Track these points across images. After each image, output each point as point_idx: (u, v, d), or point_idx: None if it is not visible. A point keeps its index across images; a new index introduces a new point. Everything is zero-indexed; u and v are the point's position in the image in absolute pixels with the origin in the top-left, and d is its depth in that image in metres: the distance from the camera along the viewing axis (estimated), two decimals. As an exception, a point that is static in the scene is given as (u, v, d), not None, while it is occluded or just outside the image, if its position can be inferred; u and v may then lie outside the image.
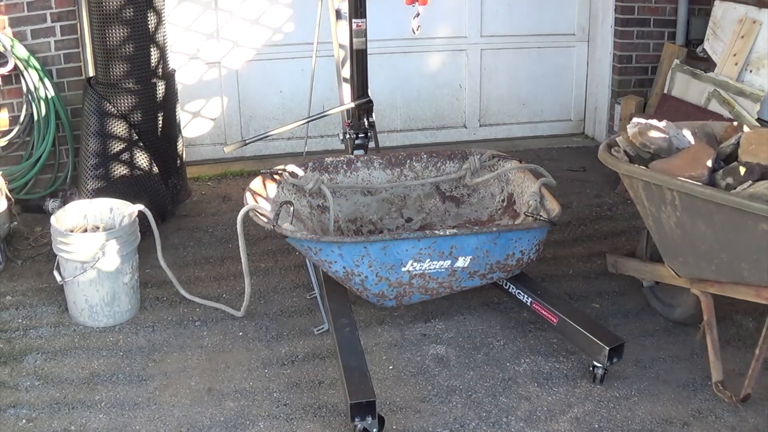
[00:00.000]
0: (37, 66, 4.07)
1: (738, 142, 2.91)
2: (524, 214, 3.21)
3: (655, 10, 4.97)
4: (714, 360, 2.92)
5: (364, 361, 2.78)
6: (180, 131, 4.28)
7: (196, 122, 4.91)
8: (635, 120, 3.09)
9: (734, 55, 4.19)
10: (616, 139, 3.11)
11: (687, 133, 3.07)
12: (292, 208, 3.15)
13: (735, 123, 3.19)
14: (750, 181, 2.68)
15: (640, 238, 3.42)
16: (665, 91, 4.68)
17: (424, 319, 3.37)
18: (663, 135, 3.00)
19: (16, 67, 4.02)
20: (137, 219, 3.38)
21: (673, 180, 2.72)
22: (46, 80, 4.10)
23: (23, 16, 4.07)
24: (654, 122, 3.06)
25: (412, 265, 3.01)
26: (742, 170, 2.73)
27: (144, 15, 3.78)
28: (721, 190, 2.65)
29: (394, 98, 5.12)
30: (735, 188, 2.68)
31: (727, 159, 2.95)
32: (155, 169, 3.97)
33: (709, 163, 2.74)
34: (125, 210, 3.40)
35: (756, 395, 2.90)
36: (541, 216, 3.13)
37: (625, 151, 3.05)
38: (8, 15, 4.03)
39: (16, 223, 3.99)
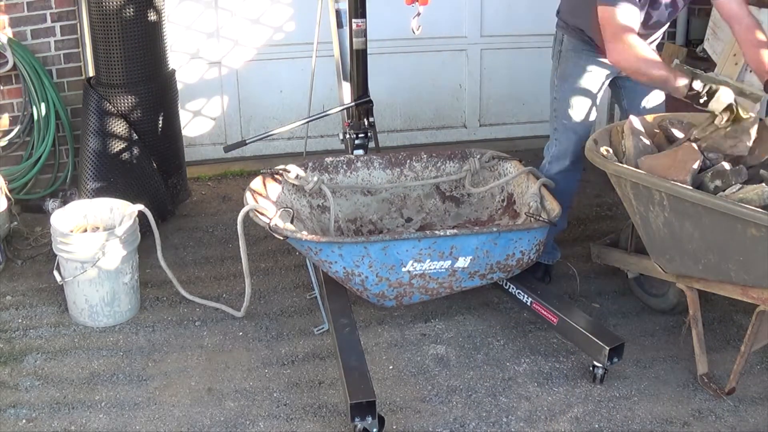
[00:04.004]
0: (37, 66, 4.07)
1: None
2: (525, 214, 3.21)
3: (655, 10, 4.97)
4: (699, 353, 2.96)
5: (364, 361, 2.78)
6: (180, 131, 4.28)
7: (197, 122, 4.91)
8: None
9: (734, 54, 4.18)
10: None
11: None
12: (292, 212, 3.16)
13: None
14: (739, 185, 2.68)
15: (623, 229, 3.43)
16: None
17: (424, 319, 3.37)
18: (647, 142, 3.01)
19: (15, 67, 4.02)
20: (137, 219, 3.38)
21: (663, 183, 2.73)
22: (46, 80, 4.10)
23: (23, 16, 4.06)
24: (637, 123, 3.06)
25: (412, 265, 3.01)
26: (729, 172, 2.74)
27: (144, 14, 3.78)
28: (710, 194, 2.65)
29: (394, 98, 5.12)
30: (723, 191, 2.68)
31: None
32: (155, 169, 3.97)
33: (695, 166, 2.74)
34: (125, 210, 3.40)
35: (756, 395, 2.91)
36: (541, 217, 3.13)
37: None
38: (8, 15, 4.03)
39: (16, 223, 3.99)
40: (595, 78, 3.32)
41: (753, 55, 3.01)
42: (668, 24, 3.28)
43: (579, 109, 3.35)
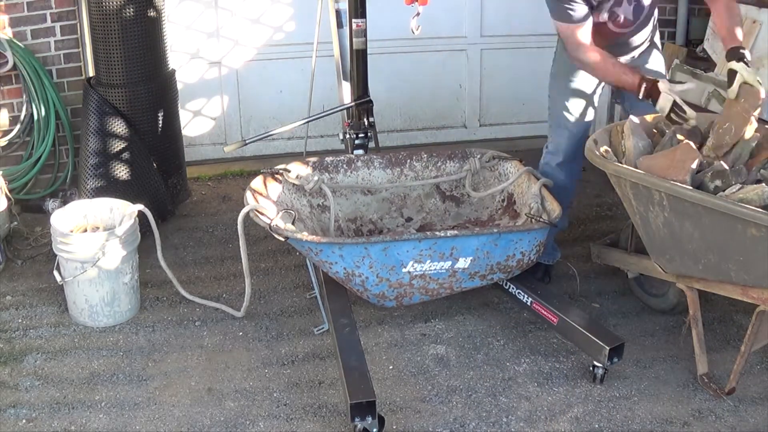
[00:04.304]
0: (37, 66, 4.07)
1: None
2: (526, 215, 3.21)
3: (655, 10, 4.97)
4: (699, 353, 2.96)
5: (364, 361, 2.78)
6: (180, 131, 4.28)
7: (197, 122, 4.91)
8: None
9: (734, 55, 4.18)
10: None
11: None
12: (294, 214, 3.15)
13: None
14: (739, 185, 2.68)
15: (623, 229, 3.44)
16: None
17: (424, 319, 3.37)
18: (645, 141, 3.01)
19: (16, 67, 4.02)
20: (137, 219, 3.38)
21: (663, 183, 2.73)
22: (46, 80, 4.10)
23: (23, 16, 4.06)
24: (636, 122, 3.06)
25: (412, 266, 3.01)
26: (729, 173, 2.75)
27: (144, 14, 3.78)
28: (710, 194, 2.66)
29: (394, 98, 5.12)
30: (723, 191, 2.68)
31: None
32: (155, 169, 3.97)
33: (694, 165, 2.75)
34: (125, 210, 3.40)
35: (756, 395, 2.91)
36: (541, 218, 3.12)
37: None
38: (8, 15, 4.03)
39: (16, 223, 3.99)
40: (585, 78, 3.35)
41: (725, 27, 3.01)
42: (650, 21, 3.28)
43: (570, 107, 3.39)
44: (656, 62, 3.43)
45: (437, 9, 3.84)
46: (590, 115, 3.43)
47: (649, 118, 3.17)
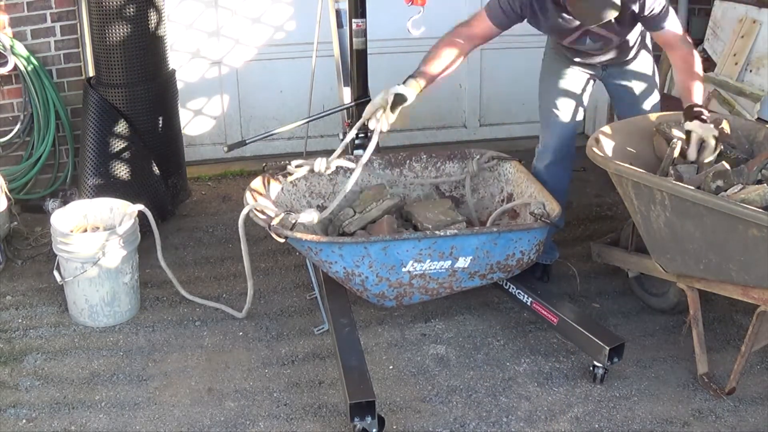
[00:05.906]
0: (37, 66, 4.07)
1: None
2: (530, 214, 3.20)
3: (655, 9, 4.96)
4: (699, 353, 2.96)
5: (364, 361, 2.78)
6: (180, 131, 4.28)
7: (197, 122, 4.91)
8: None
9: (734, 54, 4.19)
10: None
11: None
12: (296, 217, 3.15)
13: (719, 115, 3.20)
14: (740, 185, 2.69)
15: (624, 228, 3.43)
16: (665, 91, 4.67)
17: (424, 319, 3.37)
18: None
19: (16, 67, 4.02)
20: (137, 219, 3.38)
21: (665, 182, 2.73)
22: (46, 80, 4.10)
23: (23, 16, 4.06)
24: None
25: (412, 265, 3.00)
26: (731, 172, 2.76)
27: (144, 14, 3.78)
28: (712, 194, 2.66)
29: (394, 98, 5.11)
30: (725, 191, 2.68)
31: None
32: (155, 169, 3.96)
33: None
34: (125, 210, 3.40)
35: (756, 395, 2.91)
36: (546, 219, 3.12)
37: None
38: (8, 15, 4.03)
39: (16, 223, 3.99)
40: (572, 77, 3.38)
41: (682, 82, 3.09)
42: (622, 45, 3.28)
43: (558, 105, 3.41)
44: (643, 67, 3.42)
45: (436, 9, 3.83)
46: (579, 115, 3.45)
47: (653, 117, 3.18)
